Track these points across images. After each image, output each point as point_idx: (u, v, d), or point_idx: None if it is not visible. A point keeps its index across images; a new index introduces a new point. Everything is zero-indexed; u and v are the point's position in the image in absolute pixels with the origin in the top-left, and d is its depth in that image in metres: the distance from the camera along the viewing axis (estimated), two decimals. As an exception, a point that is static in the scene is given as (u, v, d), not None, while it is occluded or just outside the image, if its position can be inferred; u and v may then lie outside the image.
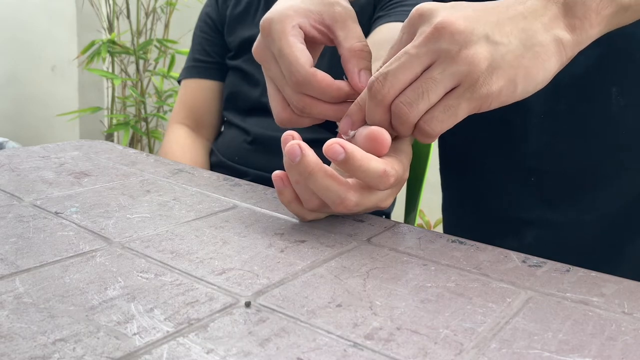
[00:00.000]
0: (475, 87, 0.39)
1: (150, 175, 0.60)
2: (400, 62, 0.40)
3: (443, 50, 0.39)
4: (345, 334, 0.31)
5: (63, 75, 2.45)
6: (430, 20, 0.40)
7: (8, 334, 0.30)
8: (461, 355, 0.29)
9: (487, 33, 0.39)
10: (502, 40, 0.39)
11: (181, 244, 0.42)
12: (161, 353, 0.28)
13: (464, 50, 0.38)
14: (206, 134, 1.11)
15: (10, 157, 0.64)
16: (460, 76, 0.39)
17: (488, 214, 0.62)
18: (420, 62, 0.40)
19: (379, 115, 0.43)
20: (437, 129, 0.41)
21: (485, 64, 0.38)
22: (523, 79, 0.40)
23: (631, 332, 0.32)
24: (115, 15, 2.12)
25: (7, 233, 0.43)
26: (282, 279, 0.37)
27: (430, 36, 0.39)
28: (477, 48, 0.38)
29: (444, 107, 0.40)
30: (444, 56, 0.39)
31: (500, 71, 0.39)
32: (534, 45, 0.40)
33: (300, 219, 0.47)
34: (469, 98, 0.39)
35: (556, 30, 0.40)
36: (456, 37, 0.38)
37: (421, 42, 0.40)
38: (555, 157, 0.56)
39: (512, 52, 0.39)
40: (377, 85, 0.41)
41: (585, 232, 0.55)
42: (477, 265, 0.40)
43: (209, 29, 1.11)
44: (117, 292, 0.34)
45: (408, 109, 0.40)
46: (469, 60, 0.38)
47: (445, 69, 0.39)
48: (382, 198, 0.45)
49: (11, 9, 2.54)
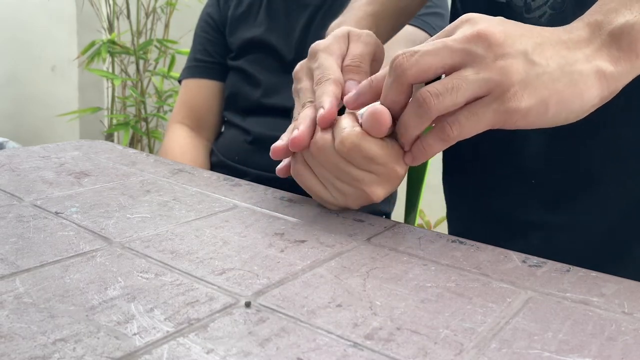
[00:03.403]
0: (504, 99, 0.38)
1: (150, 175, 0.60)
2: (432, 47, 0.40)
3: (479, 55, 0.38)
4: (345, 334, 0.31)
5: (63, 75, 2.45)
6: (474, 25, 0.40)
7: (8, 334, 0.30)
8: (461, 355, 0.29)
9: (527, 50, 0.38)
10: (540, 62, 0.38)
11: (181, 244, 0.42)
12: (161, 353, 0.28)
13: (499, 61, 0.38)
14: (206, 134, 1.11)
15: (10, 157, 0.64)
16: (492, 85, 0.38)
17: (493, 217, 0.62)
18: (452, 55, 0.39)
19: (394, 93, 0.42)
20: (456, 133, 0.40)
21: (518, 77, 0.38)
22: (556, 103, 0.39)
23: (631, 332, 0.32)
24: (115, 15, 2.12)
25: (7, 233, 0.43)
26: (282, 279, 0.37)
27: (470, 38, 0.39)
28: (513, 61, 0.38)
29: (469, 113, 0.39)
30: (479, 61, 0.38)
31: (533, 89, 0.38)
32: (572, 72, 0.39)
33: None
34: (496, 109, 0.39)
35: (598, 61, 0.39)
36: (494, 47, 0.38)
37: (459, 39, 0.39)
38: (556, 159, 0.56)
39: (549, 74, 0.38)
40: (401, 59, 0.40)
41: (589, 235, 0.55)
42: (477, 265, 0.40)
43: (210, 29, 1.11)
44: (117, 292, 0.34)
45: (434, 100, 0.39)
46: (502, 71, 0.38)
47: (478, 73, 0.38)
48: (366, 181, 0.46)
49: (11, 9, 2.54)
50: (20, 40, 2.56)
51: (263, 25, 1.04)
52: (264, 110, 1.01)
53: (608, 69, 0.39)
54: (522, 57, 0.38)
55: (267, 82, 1.02)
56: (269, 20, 1.04)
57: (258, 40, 1.03)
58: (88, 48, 1.95)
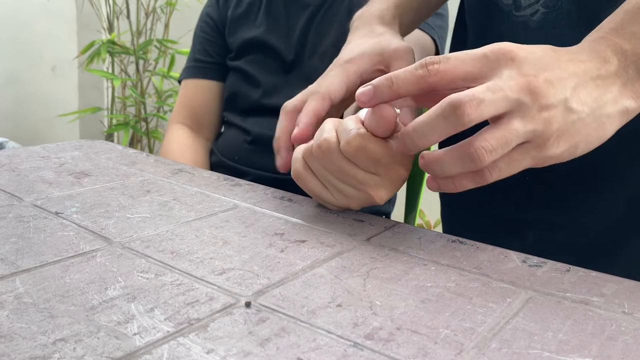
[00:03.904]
0: (543, 148, 0.40)
1: (150, 175, 0.60)
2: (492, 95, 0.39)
3: (526, 106, 0.39)
4: (345, 334, 0.31)
5: (63, 75, 2.45)
6: (520, 67, 0.39)
7: (8, 334, 0.30)
8: (461, 355, 0.29)
9: (567, 98, 0.40)
10: (577, 108, 0.40)
11: (181, 244, 0.42)
12: (161, 353, 0.28)
13: (544, 112, 0.39)
14: (206, 134, 1.11)
15: (10, 157, 0.64)
16: (534, 135, 0.40)
17: (487, 215, 0.62)
18: (507, 105, 0.39)
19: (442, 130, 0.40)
20: (494, 177, 0.41)
21: (557, 127, 0.40)
22: (584, 145, 0.41)
23: (631, 332, 0.32)
24: (115, 15, 2.12)
25: (8, 233, 0.43)
26: (282, 279, 0.37)
27: (522, 88, 0.39)
28: (554, 112, 0.39)
29: (509, 160, 0.41)
30: (526, 112, 0.39)
31: (568, 136, 0.40)
32: (602, 116, 0.41)
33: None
34: (534, 156, 0.40)
35: (624, 101, 0.41)
36: (540, 98, 0.39)
37: (514, 89, 0.39)
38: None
39: (583, 120, 0.40)
40: (468, 107, 0.38)
41: (584, 232, 0.55)
42: (477, 265, 0.40)
43: (209, 29, 1.11)
44: (117, 292, 0.34)
45: (488, 156, 0.39)
46: (546, 123, 0.39)
47: (526, 125, 0.39)
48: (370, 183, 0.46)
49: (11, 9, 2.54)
50: (20, 40, 2.56)
51: (263, 26, 1.04)
52: (263, 110, 1.01)
53: (631, 106, 0.42)
54: (562, 106, 0.39)
55: (267, 83, 1.02)
56: (268, 20, 1.04)
57: (258, 41, 1.03)
58: (88, 48, 1.95)
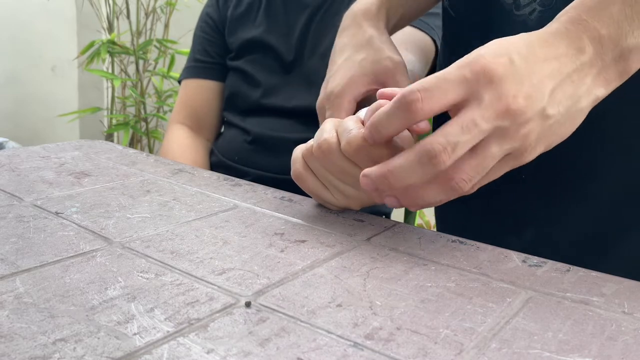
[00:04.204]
0: (520, 157, 0.41)
1: (150, 175, 0.60)
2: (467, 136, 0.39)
3: (504, 129, 0.39)
4: (345, 334, 0.31)
5: (63, 75, 2.45)
6: (499, 89, 0.39)
7: (8, 334, 0.30)
8: (461, 355, 0.29)
9: (544, 107, 0.40)
10: (553, 113, 0.40)
11: (181, 244, 0.42)
12: (161, 353, 0.28)
13: (521, 129, 0.39)
14: (206, 134, 1.11)
15: (10, 157, 0.64)
16: (512, 150, 0.40)
17: (485, 212, 0.62)
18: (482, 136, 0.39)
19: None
20: (471, 190, 0.41)
21: (535, 137, 0.40)
22: (558, 140, 0.42)
23: (631, 332, 0.32)
24: (115, 15, 2.12)
25: (8, 233, 0.43)
26: (282, 279, 0.37)
27: (499, 114, 0.39)
28: (532, 125, 0.40)
29: (488, 175, 0.41)
30: (502, 133, 0.39)
31: (544, 140, 0.41)
32: (576, 112, 0.41)
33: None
34: (512, 165, 0.41)
35: (596, 90, 0.41)
36: (517, 117, 0.39)
37: (489, 117, 0.39)
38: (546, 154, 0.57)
39: (558, 122, 0.41)
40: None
41: (578, 228, 0.55)
42: (477, 265, 0.40)
43: (209, 29, 1.11)
44: (117, 292, 0.34)
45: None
46: (524, 138, 0.40)
47: (502, 145, 0.40)
48: None
49: (11, 9, 2.54)
50: (20, 40, 2.56)
51: (262, 26, 1.04)
52: (263, 110, 1.01)
53: (601, 93, 0.42)
54: (538, 117, 0.40)
55: (267, 83, 1.02)
56: (268, 20, 1.04)
57: (257, 41, 1.03)
58: (88, 48, 1.95)
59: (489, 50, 0.40)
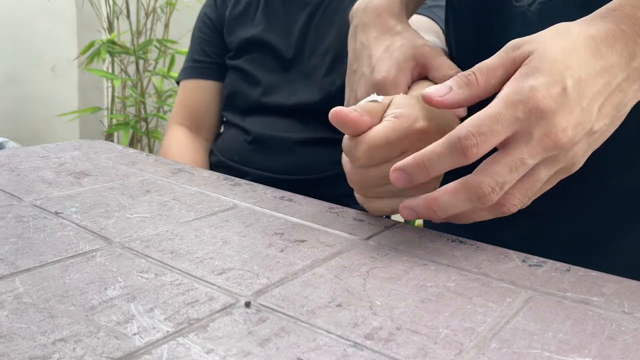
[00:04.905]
0: (570, 170, 0.41)
1: (150, 175, 0.60)
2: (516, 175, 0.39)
3: (551, 157, 0.39)
4: (345, 334, 0.31)
5: (63, 75, 2.45)
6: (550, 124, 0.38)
7: (8, 334, 0.30)
8: (461, 355, 0.29)
9: (592, 128, 0.40)
10: (600, 128, 0.40)
11: (181, 244, 0.42)
12: (161, 353, 0.28)
13: (569, 153, 0.40)
14: (206, 134, 1.11)
15: (10, 157, 0.64)
16: (561, 170, 0.41)
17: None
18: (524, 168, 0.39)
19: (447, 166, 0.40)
20: (521, 207, 0.42)
21: (581, 154, 0.40)
22: (601, 143, 0.42)
23: (631, 332, 0.32)
24: (115, 15, 2.12)
25: (7, 233, 0.43)
26: (282, 278, 0.37)
27: (546, 148, 0.39)
28: (579, 147, 0.40)
29: (539, 191, 0.42)
30: (549, 160, 0.40)
31: (590, 149, 0.41)
32: (619, 118, 0.42)
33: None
34: (561, 177, 0.42)
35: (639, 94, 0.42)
36: (565, 147, 0.39)
37: (538, 153, 0.39)
38: None
39: (604, 132, 0.41)
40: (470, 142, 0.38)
41: (576, 224, 0.55)
42: (477, 265, 0.40)
43: (207, 29, 1.11)
44: (117, 292, 0.34)
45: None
46: (571, 160, 0.40)
47: (550, 169, 0.40)
48: None
49: (11, 9, 2.54)
50: (20, 40, 2.56)
51: (261, 25, 1.04)
52: (263, 109, 1.01)
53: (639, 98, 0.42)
54: (586, 136, 0.40)
55: (267, 81, 1.02)
56: (267, 19, 1.04)
57: (257, 40, 1.03)
58: (88, 48, 1.95)
59: (543, 81, 0.38)
